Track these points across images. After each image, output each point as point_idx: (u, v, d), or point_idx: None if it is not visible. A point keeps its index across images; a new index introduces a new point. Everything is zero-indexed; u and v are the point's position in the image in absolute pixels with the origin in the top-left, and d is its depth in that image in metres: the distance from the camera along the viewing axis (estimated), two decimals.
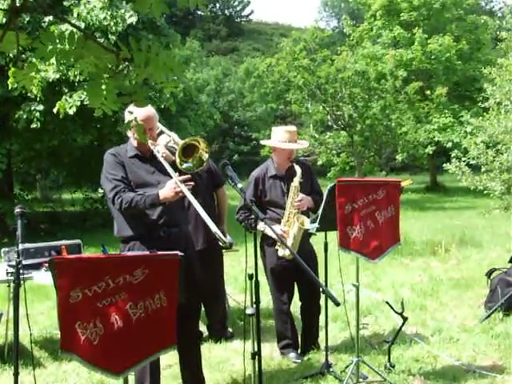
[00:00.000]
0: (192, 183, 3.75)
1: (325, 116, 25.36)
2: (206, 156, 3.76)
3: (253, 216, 3.46)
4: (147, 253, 3.10)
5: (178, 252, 2.90)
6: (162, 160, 3.81)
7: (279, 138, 4.80)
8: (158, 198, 3.72)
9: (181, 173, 3.78)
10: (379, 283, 7.60)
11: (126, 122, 2.73)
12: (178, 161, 3.70)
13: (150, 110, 3.89)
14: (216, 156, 32.74)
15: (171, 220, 3.87)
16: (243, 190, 3.47)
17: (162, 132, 4.26)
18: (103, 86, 2.18)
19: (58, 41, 2.05)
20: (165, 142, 4.17)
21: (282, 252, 4.66)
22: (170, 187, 3.73)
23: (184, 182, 3.71)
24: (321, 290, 3.35)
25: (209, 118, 20.91)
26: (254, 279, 3.35)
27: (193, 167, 3.77)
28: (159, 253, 2.97)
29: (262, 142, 5.54)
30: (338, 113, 23.87)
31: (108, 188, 3.82)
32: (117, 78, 2.19)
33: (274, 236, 4.47)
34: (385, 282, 7.68)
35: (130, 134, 3.98)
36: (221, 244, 3.59)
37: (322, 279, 4.50)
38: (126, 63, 2.22)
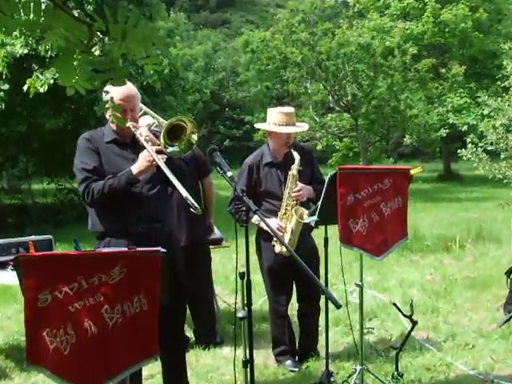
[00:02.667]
0: (165, 156, 3.75)
1: (326, 96, 25.38)
2: (194, 138, 3.72)
3: (243, 208, 3.46)
4: (125, 249, 3.08)
5: (159, 248, 2.89)
6: (144, 143, 3.77)
7: (275, 120, 4.78)
8: (132, 173, 3.74)
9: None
10: (386, 283, 7.63)
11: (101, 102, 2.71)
12: (162, 143, 3.67)
13: (130, 88, 3.87)
14: (205, 141, 32.70)
15: (152, 213, 3.86)
16: (233, 179, 3.46)
17: (144, 113, 4.23)
18: (75, 62, 2.16)
19: (22, 10, 2.02)
20: (151, 123, 4.14)
21: (279, 248, 4.66)
22: (142, 157, 3.76)
23: (158, 153, 3.72)
24: (320, 290, 3.35)
25: (198, 92, 20.79)
26: (246, 278, 3.35)
27: (180, 151, 3.74)
28: (139, 249, 2.95)
29: (257, 126, 5.52)
30: (341, 92, 23.88)
31: (78, 179, 3.82)
32: (90, 52, 2.17)
33: (269, 230, 4.46)
34: (392, 281, 7.70)
35: (108, 115, 3.96)
36: (192, 210, 3.57)
37: (321, 278, 4.51)
38: (101, 36, 2.20)
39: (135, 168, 3.75)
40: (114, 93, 3.65)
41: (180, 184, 3.61)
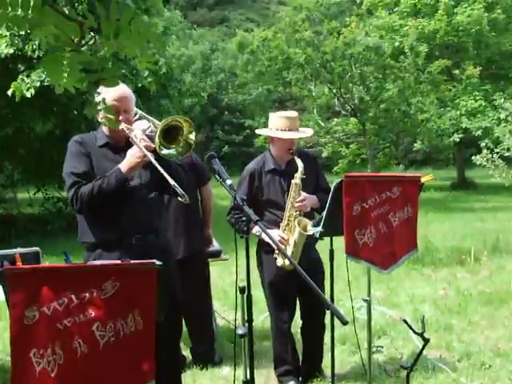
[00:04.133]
0: (152, 146, 3.74)
1: (331, 99, 25.41)
2: (192, 138, 3.71)
3: (244, 218, 3.46)
4: (118, 262, 3.09)
5: (154, 261, 2.89)
6: (138, 144, 3.76)
7: (277, 125, 4.80)
8: (121, 171, 3.75)
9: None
10: (395, 298, 7.62)
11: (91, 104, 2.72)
12: (157, 145, 3.65)
13: (124, 89, 3.90)
14: (203, 147, 32.75)
15: (146, 224, 3.86)
16: (233, 188, 3.46)
17: (140, 118, 4.24)
18: (65, 61, 2.18)
19: (9, 5, 2.04)
20: (143, 128, 4.13)
21: (282, 261, 4.66)
22: (132, 154, 3.78)
23: (148, 150, 3.73)
24: (325, 306, 3.35)
25: (195, 96, 20.79)
26: (247, 293, 3.35)
27: (177, 154, 3.73)
28: (133, 262, 2.95)
29: (258, 131, 5.55)
30: (347, 95, 23.91)
31: (67, 184, 3.83)
32: (81, 51, 2.19)
33: (271, 242, 4.46)
34: (402, 296, 7.70)
35: (100, 118, 3.98)
36: (180, 199, 3.58)
37: (327, 293, 4.51)
38: (92, 34, 2.22)
39: (124, 165, 3.76)
40: (107, 93, 3.64)
41: (168, 175, 3.63)
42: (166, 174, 3.63)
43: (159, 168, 3.66)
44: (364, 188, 4.20)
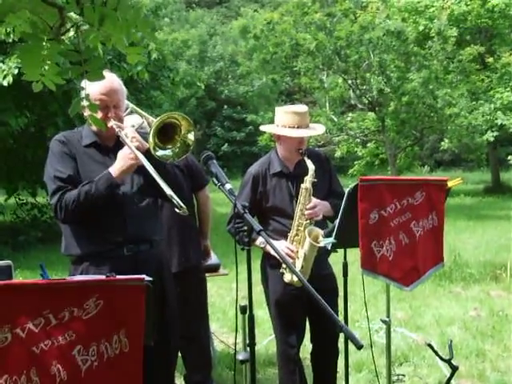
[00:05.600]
0: (146, 145, 3.74)
1: (346, 91, 25.43)
2: (191, 138, 3.71)
3: (245, 228, 3.47)
4: (102, 277, 3.10)
5: (144, 276, 2.90)
6: (130, 145, 3.76)
7: (285, 121, 4.80)
8: (111, 175, 3.74)
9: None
10: (419, 319, 7.63)
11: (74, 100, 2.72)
12: (151, 144, 3.63)
13: (113, 81, 3.89)
14: (199, 146, 32.76)
15: (139, 232, 3.87)
16: (233, 193, 3.48)
17: (131, 112, 4.24)
18: (43, 52, 2.20)
19: None
20: (136, 125, 4.13)
21: (289, 277, 4.66)
22: (123, 155, 3.77)
23: (141, 151, 3.73)
24: (339, 328, 3.36)
25: (190, 87, 20.80)
26: (249, 313, 3.37)
27: (173, 156, 3.72)
28: (119, 277, 2.96)
29: (262, 128, 5.52)
30: (364, 87, 23.93)
31: (50, 190, 3.81)
32: (61, 41, 2.21)
33: (276, 255, 4.46)
34: (427, 317, 7.71)
35: (86, 113, 3.98)
36: (177, 210, 3.59)
37: (340, 314, 4.52)
38: (75, 21, 2.24)
39: (114, 169, 3.75)
40: (93, 86, 3.66)
41: (164, 183, 3.64)
42: (160, 181, 3.63)
43: (153, 174, 3.66)
44: (382, 193, 4.21)
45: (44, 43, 2.18)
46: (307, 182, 4.66)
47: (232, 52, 42.43)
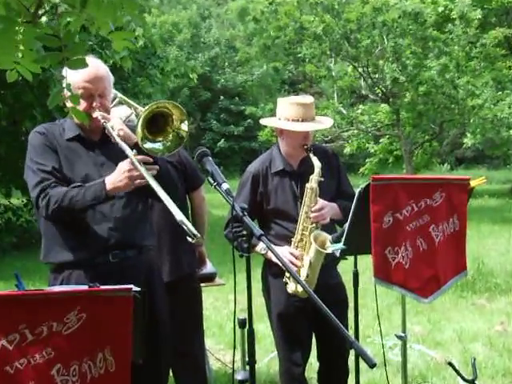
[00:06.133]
0: (156, 167, 3.71)
1: (356, 81, 25.43)
2: (184, 129, 3.69)
3: (244, 232, 3.47)
4: (85, 287, 3.10)
5: (131, 286, 2.91)
6: (117, 140, 3.74)
7: (288, 114, 4.80)
8: (105, 188, 3.70)
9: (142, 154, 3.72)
10: (439, 335, 7.62)
11: (54, 90, 2.71)
12: (139, 136, 3.60)
13: (98, 67, 3.89)
14: (193, 142, 32.78)
15: (127, 237, 3.87)
16: (230, 194, 3.48)
17: (120, 103, 4.23)
18: (18, 37, 2.19)
19: None
20: (123, 116, 4.12)
21: (293, 287, 4.66)
22: (121, 169, 3.70)
23: (145, 163, 3.67)
24: (349, 344, 3.36)
25: (181, 76, 20.81)
26: (248, 327, 3.37)
27: (164, 150, 3.70)
28: (103, 287, 2.97)
29: (263, 122, 5.51)
30: (377, 76, 23.93)
31: (31, 183, 3.79)
32: (39, 24, 2.21)
33: (279, 263, 4.45)
34: (447, 332, 7.70)
35: (69, 103, 3.96)
36: (190, 240, 3.56)
37: (350, 328, 4.52)
38: (54, 2, 2.24)
39: (110, 181, 3.70)
40: (76, 73, 3.65)
41: (174, 205, 3.56)
42: (169, 203, 3.54)
43: (159, 193, 3.58)
44: (397, 194, 4.20)
45: (19, 27, 2.17)
46: (313, 182, 4.64)
47: (229, 37, 42.52)
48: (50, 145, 3.84)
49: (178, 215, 3.50)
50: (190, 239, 3.52)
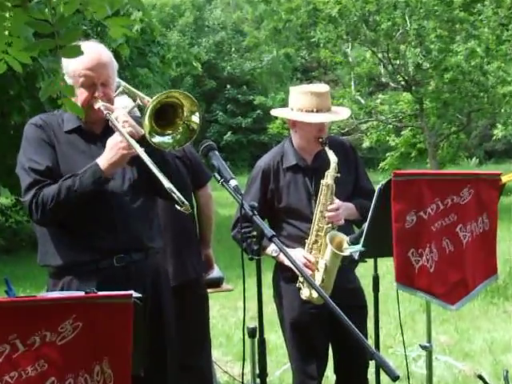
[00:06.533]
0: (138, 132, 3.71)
1: (375, 67, 25.38)
2: (196, 121, 3.68)
3: (255, 233, 3.47)
4: (81, 293, 3.11)
5: (131, 292, 2.91)
6: (122, 131, 3.71)
7: (301, 104, 4.80)
8: (100, 168, 3.69)
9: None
10: (467, 345, 7.61)
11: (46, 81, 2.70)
12: (146, 129, 3.58)
13: (101, 53, 3.86)
14: (197, 135, 32.72)
15: (132, 239, 3.85)
16: (239, 191, 3.48)
17: (123, 92, 4.23)
18: (6, 23, 2.19)
19: None
20: (128, 107, 4.11)
21: (307, 293, 4.66)
22: (112, 144, 3.72)
23: (134, 138, 3.67)
24: (369, 355, 3.36)
25: (184, 64, 20.83)
26: (259, 337, 3.37)
27: (174, 143, 3.69)
28: (101, 293, 2.97)
29: (273, 112, 5.50)
30: (398, 61, 23.88)
31: (23, 184, 3.78)
32: (29, 9, 2.20)
33: (292, 266, 4.46)
34: (477, 342, 7.68)
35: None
36: (178, 208, 3.55)
37: (370, 338, 4.52)
38: None
39: (103, 160, 3.71)
40: (77, 59, 3.66)
41: (162, 175, 3.57)
42: (158, 173, 3.57)
43: (150, 164, 3.61)
44: (421, 191, 4.20)
45: (8, 12, 2.17)
46: (329, 178, 4.64)
47: (236, 20, 42.48)
48: (47, 139, 3.83)
49: (166, 183, 3.52)
50: (178, 207, 3.52)
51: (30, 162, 3.78)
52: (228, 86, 42.72)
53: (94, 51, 3.70)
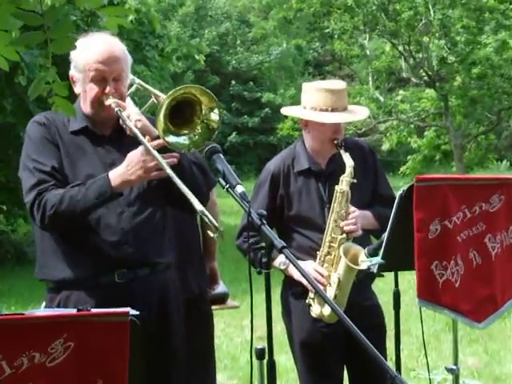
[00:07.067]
0: (176, 155, 3.67)
1: (395, 61, 25.38)
2: (215, 119, 3.68)
3: (263, 243, 3.48)
4: (73, 311, 3.12)
5: (128, 309, 2.92)
6: (137, 134, 3.69)
7: (315, 102, 4.80)
8: (109, 182, 3.68)
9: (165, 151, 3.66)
10: (497, 367, 7.60)
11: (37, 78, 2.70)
12: (160, 127, 3.56)
13: (113, 45, 3.87)
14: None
15: (138, 253, 3.84)
16: (245, 197, 3.49)
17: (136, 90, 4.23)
18: None
19: None
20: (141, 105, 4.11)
21: (318, 310, 4.67)
22: (133, 160, 3.66)
23: (163, 150, 3.62)
24: (389, 378, 3.37)
25: (185, 58, 20.83)
26: (267, 359, 3.38)
27: (190, 144, 3.67)
28: (94, 311, 2.98)
29: (284, 111, 5.50)
30: (421, 55, 23.86)
31: (26, 185, 3.78)
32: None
33: (302, 281, 4.47)
34: (508, 365, 7.66)
35: (78, 89, 3.92)
36: (210, 234, 3.54)
37: (390, 359, 4.53)
38: None
39: (117, 175, 3.68)
40: (88, 52, 3.66)
41: (194, 197, 3.49)
42: (187, 191, 3.49)
43: (179, 184, 3.51)
44: (446, 197, 4.20)
45: None
46: (344, 184, 4.64)
47: (241, 9, 42.52)
48: (51, 138, 3.83)
49: (199, 206, 3.47)
50: (211, 234, 3.51)
51: (34, 162, 3.78)
52: (233, 82, 42.74)
53: (106, 43, 3.73)
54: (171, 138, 3.62)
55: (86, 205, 3.67)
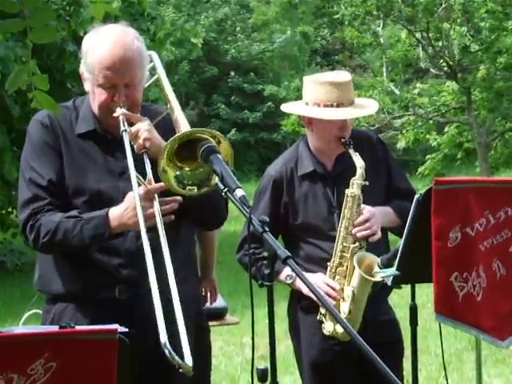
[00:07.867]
0: (172, 215, 3.65)
1: (412, 50, 25.40)
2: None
3: (265, 254, 3.49)
4: (55, 328, 3.13)
5: (116, 326, 2.93)
6: (144, 158, 3.64)
7: (318, 97, 4.80)
8: (108, 223, 3.67)
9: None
10: None
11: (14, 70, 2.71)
12: (160, 164, 3.43)
13: (125, 44, 3.76)
14: None
15: (141, 274, 3.72)
16: (246, 203, 3.50)
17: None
18: None
19: None
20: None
21: (331, 327, 4.67)
22: (132, 202, 3.57)
23: (162, 202, 3.60)
24: None
25: (179, 45, 20.82)
26: (271, 381, 3.40)
27: (199, 190, 3.59)
28: (78, 328, 2.99)
29: (285, 108, 5.46)
30: (440, 43, 23.88)
31: (22, 197, 3.79)
32: None
33: (312, 296, 4.47)
34: None
35: (87, 86, 3.85)
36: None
37: (407, 382, 4.54)
38: None
39: (116, 215, 3.67)
40: (96, 52, 3.63)
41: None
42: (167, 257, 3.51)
43: (162, 242, 3.53)
44: (468, 202, 4.21)
45: None
46: (354, 186, 4.64)
47: None
48: (53, 143, 3.79)
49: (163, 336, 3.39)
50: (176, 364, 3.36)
51: (31, 171, 3.77)
52: (232, 73, 42.70)
53: (116, 44, 3.65)
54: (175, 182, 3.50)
55: (80, 243, 3.69)
